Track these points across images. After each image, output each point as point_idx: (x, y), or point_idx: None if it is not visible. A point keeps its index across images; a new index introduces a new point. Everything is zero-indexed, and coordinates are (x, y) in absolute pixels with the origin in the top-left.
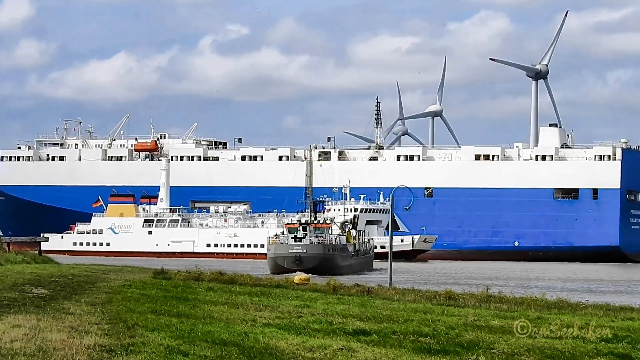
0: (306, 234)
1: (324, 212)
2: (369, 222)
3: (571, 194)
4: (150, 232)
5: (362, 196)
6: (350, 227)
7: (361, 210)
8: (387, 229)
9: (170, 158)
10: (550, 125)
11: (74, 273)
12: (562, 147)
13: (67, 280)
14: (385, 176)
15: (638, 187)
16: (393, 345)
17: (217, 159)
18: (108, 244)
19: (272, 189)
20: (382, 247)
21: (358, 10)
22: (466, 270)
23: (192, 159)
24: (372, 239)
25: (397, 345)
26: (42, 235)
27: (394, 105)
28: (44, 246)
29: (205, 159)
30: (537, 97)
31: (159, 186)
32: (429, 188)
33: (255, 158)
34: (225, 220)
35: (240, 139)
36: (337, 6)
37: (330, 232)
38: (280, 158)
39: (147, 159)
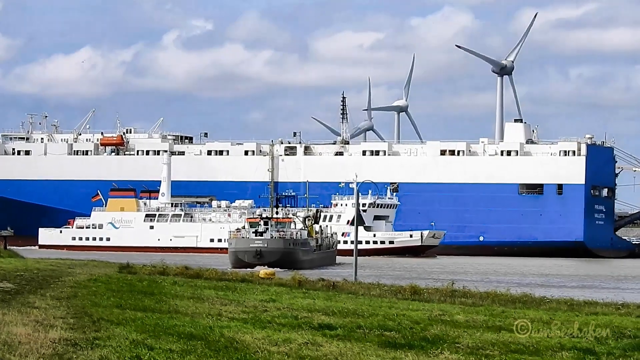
0: (267, 229)
1: (330, 207)
2: (376, 217)
3: (536, 189)
4: (152, 227)
5: (369, 191)
6: (313, 222)
7: (369, 205)
8: (352, 223)
9: (136, 152)
10: (516, 121)
11: (39, 267)
12: (527, 142)
13: (33, 274)
14: (351, 171)
15: (602, 182)
16: (358, 339)
17: (182, 153)
18: (108, 239)
19: (237, 183)
20: (391, 242)
21: (321, 5)
22: (432, 265)
23: (158, 154)
24: (335, 233)
25: (362, 340)
26: (7, 229)
27: (359, 101)
28: (41, 240)
29: (172, 153)
30: (502, 93)
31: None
32: (395, 183)
33: (221, 153)
34: (229, 215)
35: (206, 134)
36: (300, 2)
37: (293, 226)
38: (246, 153)
39: (113, 154)
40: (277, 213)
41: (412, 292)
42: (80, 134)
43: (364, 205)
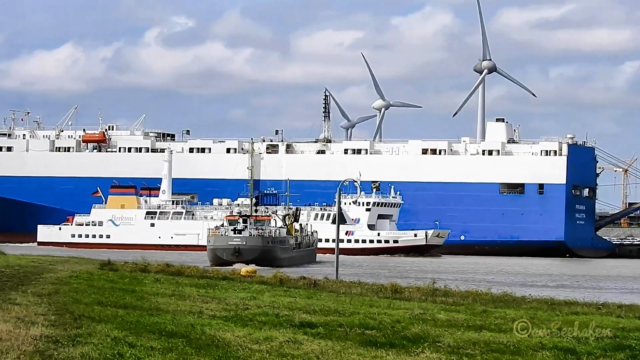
0: (246, 226)
1: (332, 205)
2: (380, 216)
3: (517, 188)
4: (152, 225)
5: (373, 190)
6: (292, 220)
7: (373, 204)
8: (333, 222)
9: (118, 149)
10: (497, 120)
11: (20, 264)
12: (508, 142)
13: (14, 270)
14: (333, 170)
15: (583, 182)
16: (339, 337)
17: (164, 151)
18: (108, 236)
19: (219, 181)
20: (395, 241)
21: (302, 4)
22: (411, 264)
23: (140, 151)
24: (316, 231)
25: (343, 338)
26: None
27: (340, 99)
28: (40, 237)
29: (153, 150)
30: (484, 92)
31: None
32: (376, 182)
33: (203, 150)
34: (231, 213)
35: (188, 131)
36: (281, 0)
37: (274, 224)
38: (228, 150)
39: (95, 150)
40: (256, 211)
41: (393, 290)
42: (62, 131)
43: (368, 204)
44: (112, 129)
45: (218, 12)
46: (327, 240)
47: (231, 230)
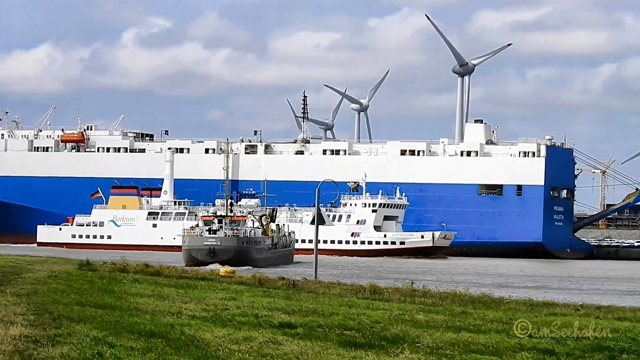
0: (221, 227)
1: (339, 206)
2: (386, 218)
3: (496, 190)
4: (154, 225)
5: (380, 191)
6: (269, 221)
7: (379, 206)
8: (312, 222)
9: (97, 149)
10: (476, 121)
11: None
12: (487, 143)
13: None
14: (312, 170)
15: (562, 183)
16: (318, 338)
17: (143, 151)
18: (109, 237)
19: (198, 181)
20: (402, 243)
21: (280, 5)
22: (390, 265)
23: (119, 151)
24: (293, 232)
25: (323, 339)
26: None
27: (318, 101)
28: (39, 238)
29: (132, 150)
30: (463, 94)
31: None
32: (355, 182)
33: (181, 150)
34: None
35: (167, 131)
36: (259, 2)
37: (252, 224)
38: (207, 151)
39: (74, 150)
40: (231, 211)
41: (372, 291)
42: (40, 131)
43: (374, 205)
44: (91, 129)
45: (195, 13)
46: (324, 242)
47: (206, 230)
